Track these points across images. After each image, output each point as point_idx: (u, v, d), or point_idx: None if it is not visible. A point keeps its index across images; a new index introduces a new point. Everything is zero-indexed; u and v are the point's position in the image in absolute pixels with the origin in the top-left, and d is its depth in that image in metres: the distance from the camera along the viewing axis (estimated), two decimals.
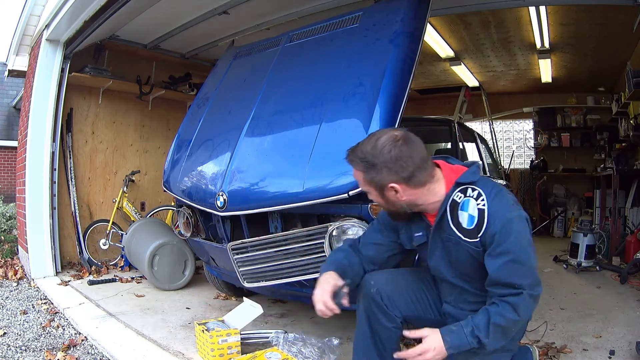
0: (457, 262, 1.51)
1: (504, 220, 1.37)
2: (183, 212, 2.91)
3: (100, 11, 3.42)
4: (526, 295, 1.35)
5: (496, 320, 1.36)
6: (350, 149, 1.49)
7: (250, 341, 2.41)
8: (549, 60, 5.31)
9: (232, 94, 3.07)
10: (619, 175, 5.11)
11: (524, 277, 1.36)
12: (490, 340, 1.37)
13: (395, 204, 1.48)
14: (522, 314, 1.36)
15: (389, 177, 1.41)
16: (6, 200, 8.57)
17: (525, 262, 1.37)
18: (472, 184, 1.45)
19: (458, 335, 1.39)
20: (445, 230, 1.49)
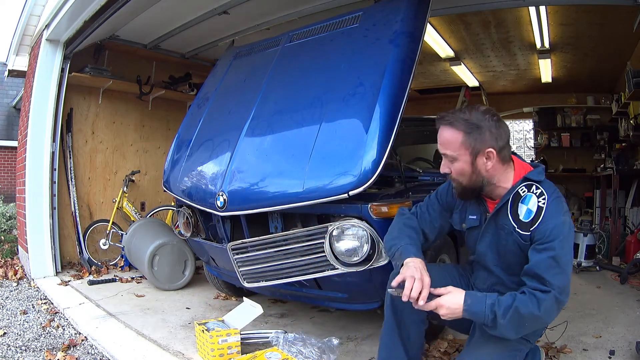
0: (503, 251, 1.60)
1: (557, 222, 1.46)
2: (183, 212, 2.91)
3: (100, 11, 3.42)
4: (553, 296, 1.40)
5: (519, 306, 1.40)
6: (445, 113, 1.57)
7: (250, 341, 2.41)
8: (549, 60, 5.31)
9: (232, 94, 3.07)
10: (619, 175, 5.11)
11: (558, 277, 1.41)
12: (505, 322, 1.41)
13: (480, 173, 1.55)
14: (543, 311, 1.41)
15: (489, 141, 1.51)
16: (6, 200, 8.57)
17: (563, 264, 1.43)
18: (538, 183, 1.54)
19: (479, 302, 1.45)
20: (501, 219, 1.58)
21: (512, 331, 1.45)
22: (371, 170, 2.03)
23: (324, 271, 2.19)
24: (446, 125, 1.57)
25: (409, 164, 3.28)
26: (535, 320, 1.44)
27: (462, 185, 1.61)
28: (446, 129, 1.57)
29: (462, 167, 1.56)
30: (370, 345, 2.47)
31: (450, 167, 1.59)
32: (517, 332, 1.46)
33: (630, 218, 5.13)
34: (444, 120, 1.57)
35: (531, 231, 1.49)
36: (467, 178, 1.58)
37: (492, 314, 1.42)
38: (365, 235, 2.12)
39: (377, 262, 2.11)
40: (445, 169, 1.61)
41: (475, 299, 1.46)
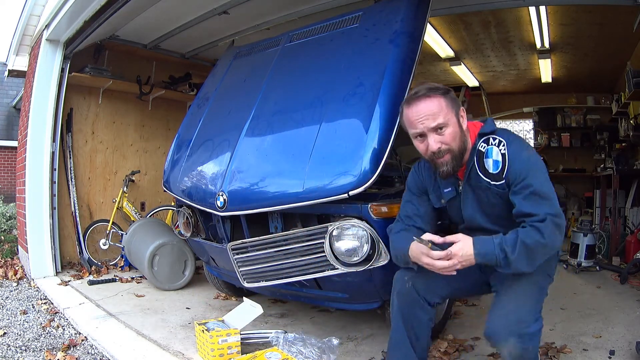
0: (488, 207, 1.67)
1: (522, 159, 1.55)
2: (183, 212, 2.91)
3: (100, 11, 3.42)
4: (550, 221, 1.48)
5: (524, 239, 1.48)
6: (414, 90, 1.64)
7: (250, 341, 2.41)
8: (549, 60, 5.31)
9: (232, 94, 3.07)
10: (619, 175, 5.11)
11: (546, 207, 1.50)
12: (516, 257, 1.48)
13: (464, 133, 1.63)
14: (547, 238, 1.47)
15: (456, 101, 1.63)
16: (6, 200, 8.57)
17: (544, 194, 1.51)
18: (493, 133, 1.63)
19: (487, 245, 1.52)
20: (474, 179, 1.65)
21: (525, 264, 1.50)
22: (371, 170, 2.03)
23: (324, 271, 2.19)
24: (424, 98, 1.60)
25: (409, 164, 3.28)
26: (544, 248, 1.50)
27: (454, 154, 1.62)
28: (426, 101, 1.60)
29: (453, 131, 1.61)
30: (370, 345, 2.47)
31: (441, 139, 1.61)
32: (530, 265, 1.51)
33: (630, 218, 5.13)
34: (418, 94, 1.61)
35: (504, 178, 1.57)
36: (457, 141, 1.62)
37: (502, 252, 1.49)
38: (365, 235, 2.12)
39: (377, 262, 2.11)
40: (436, 145, 1.60)
41: (484, 242, 1.52)
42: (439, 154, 1.62)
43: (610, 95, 6.37)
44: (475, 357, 2.30)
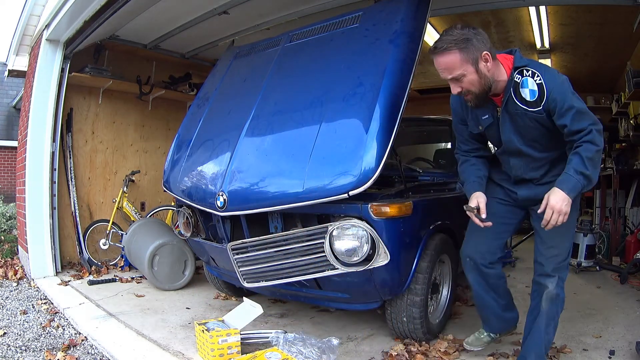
0: (524, 130, 1.87)
1: (558, 86, 1.75)
2: (183, 212, 2.91)
3: (100, 11, 3.42)
4: (594, 131, 1.73)
5: (587, 154, 1.73)
6: (434, 44, 1.78)
7: (250, 341, 2.41)
8: (549, 60, 5.30)
9: (232, 94, 3.07)
10: (619, 175, 5.11)
11: (588, 120, 1.74)
12: (591, 170, 1.73)
13: (486, 76, 1.79)
14: (599, 143, 1.74)
15: (481, 46, 1.75)
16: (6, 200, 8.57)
17: (583, 109, 1.75)
18: (526, 66, 1.80)
19: (568, 180, 1.75)
20: (511, 106, 1.84)
21: (597, 172, 1.77)
22: (371, 170, 2.03)
23: (324, 271, 2.19)
24: (441, 53, 1.76)
25: (409, 164, 3.28)
26: (600, 153, 1.76)
27: (475, 94, 1.84)
28: (443, 56, 1.76)
29: (471, 79, 1.79)
30: (370, 345, 2.47)
31: (460, 85, 1.81)
32: (598, 171, 1.78)
33: (630, 218, 5.13)
34: (437, 50, 1.77)
35: (543, 105, 1.77)
36: (477, 86, 1.81)
37: (580, 175, 1.73)
38: (365, 235, 2.12)
39: (377, 262, 2.11)
40: (457, 89, 1.83)
41: (565, 182, 1.75)
42: (462, 94, 1.86)
43: (610, 95, 6.37)
44: (475, 357, 2.30)
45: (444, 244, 2.55)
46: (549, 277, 1.95)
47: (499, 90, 1.86)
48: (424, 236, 2.40)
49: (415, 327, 2.38)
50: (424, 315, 2.38)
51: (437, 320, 2.61)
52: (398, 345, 2.37)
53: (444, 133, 3.69)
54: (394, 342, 2.47)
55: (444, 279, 2.71)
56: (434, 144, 3.93)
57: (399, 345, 2.38)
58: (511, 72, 1.82)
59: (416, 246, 2.35)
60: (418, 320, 2.36)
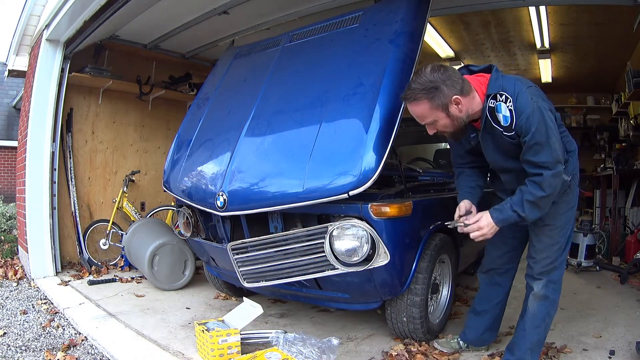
0: (504, 149, 1.92)
1: (527, 114, 1.74)
2: (183, 212, 2.91)
3: (100, 11, 3.42)
4: (548, 174, 1.76)
5: (527, 197, 1.80)
6: (405, 92, 1.85)
7: (250, 341, 2.41)
8: (549, 60, 5.31)
9: (232, 94, 3.07)
10: (619, 175, 5.11)
11: (546, 155, 1.75)
12: (527, 213, 1.82)
13: (459, 118, 1.84)
14: (546, 189, 1.77)
15: (450, 92, 1.77)
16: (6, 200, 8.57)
17: (544, 144, 1.75)
18: (499, 92, 1.80)
19: (502, 212, 1.87)
20: (490, 128, 1.88)
21: (535, 214, 1.84)
22: (371, 170, 2.03)
23: (324, 271, 2.19)
24: (411, 102, 1.84)
25: (409, 164, 3.28)
26: (545, 199, 1.80)
27: (451, 132, 1.92)
28: (413, 105, 1.84)
29: (444, 123, 1.86)
30: (370, 345, 2.47)
31: (434, 127, 1.90)
32: (540, 212, 1.84)
33: (630, 218, 5.13)
34: (407, 99, 1.85)
35: (514, 129, 1.79)
36: (451, 127, 1.88)
37: (515, 212, 1.83)
38: (365, 235, 2.12)
39: (377, 262, 2.11)
40: (432, 131, 1.93)
41: (498, 212, 1.87)
42: (438, 134, 1.96)
43: (610, 95, 6.37)
44: (475, 357, 2.30)
45: (444, 244, 2.55)
46: (535, 279, 2.04)
47: (477, 116, 1.90)
48: (424, 236, 2.40)
49: (415, 327, 2.38)
50: (424, 315, 2.38)
51: (437, 320, 2.61)
52: (398, 345, 2.37)
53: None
54: (394, 342, 2.47)
55: (444, 279, 2.71)
56: (434, 144, 3.93)
57: (399, 345, 2.38)
58: (485, 99, 1.83)
59: (416, 246, 2.35)
60: (418, 320, 2.36)
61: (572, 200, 2.04)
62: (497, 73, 1.86)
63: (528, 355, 2.03)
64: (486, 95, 1.83)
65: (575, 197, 2.05)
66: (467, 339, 2.36)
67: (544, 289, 2.02)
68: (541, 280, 2.02)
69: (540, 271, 2.02)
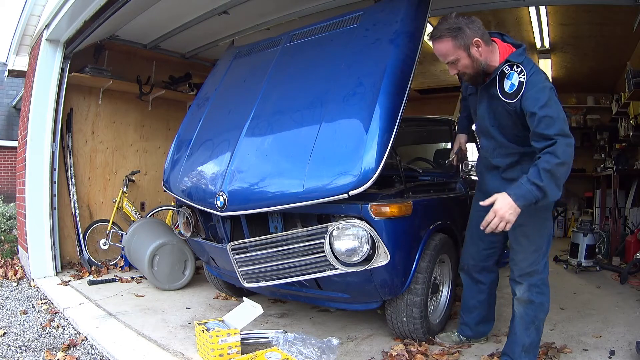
0: (497, 114, 2.01)
1: (538, 89, 1.82)
2: (183, 212, 2.91)
3: (100, 11, 3.42)
4: (561, 143, 1.74)
5: (544, 166, 1.74)
6: (432, 31, 1.96)
7: (250, 341, 2.41)
8: (549, 60, 5.30)
9: (232, 94, 3.07)
10: (619, 175, 5.11)
11: (557, 127, 1.76)
12: (546, 182, 1.74)
13: (478, 60, 1.93)
14: (561, 156, 1.73)
15: (472, 34, 1.89)
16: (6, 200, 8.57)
17: (555, 115, 1.78)
18: (519, 63, 1.89)
19: (520, 187, 1.78)
20: (491, 89, 1.98)
21: (554, 187, 1.76)
22: (371, 170, 2.03)
23: (324, 271, 2.19)
24: (436, 41, 1.95)
25: (409, 164, 3.28)
26: (562, 166, 1.75)
27: (470, 75, 2.00)
28: (437, 44, 1.95)
29: (464, 63, 1.94)
30: (370, 345, 2.47)
31: (456, 68, 1.97)
32: (558, 186, 1.77)
33: (630, 218, 5.13)
34: (432, 37, 1.96)
35: (516, 100, 1.87)
36: (471, 69, 1.96)
37: (533, 185, 1.74)
38: (365, 235, 2.12)
39: (377, 262, 2.11)
40: (453, 71, 2.00)
41: (516, 189, 1.78)
42: (459, 75, 2.04)
43: (610, 95, 6.37)
44: (475, 357, 2.30)
45: (444, 244, 2.55)
46: (516, 283, 2.06)
47: (491, 72, 1.99)
48: (424, 236, 2.40)
49: (415, 327, 2.38)
50: (424, 315, 2.38)
51: (437, 320, 2.61)
52: (398, 345, 2.37)
53: (444, 133, 3.69)
54: (394, 342, 2.47)
55: (444, 279, 2.71)
56: (434, 144, 3.93)
57: (399, 345, 2.38)
58: (504, 62, 1.93)
59: (416, 246, 2.35)
60: (418, 320, 2.36)
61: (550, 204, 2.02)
62: (523, 51, 1.95)
63: (523, 356, 2.05)
64: (505, 60, 1.93)
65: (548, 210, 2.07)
66: (464, 334, 2.42)
67: (527, 293, 2.02)
68: (522, 285, 2.03)
69: (519, 274, 2.04)
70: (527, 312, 2.03)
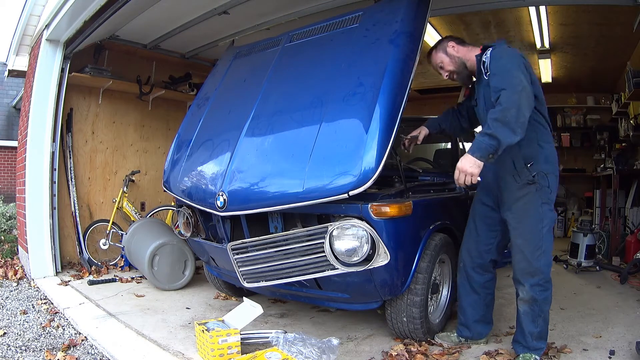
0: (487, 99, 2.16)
1: (496, 57, 2.08)
2: (183, 212, 2.91)
3: (100, 11, 3.42)
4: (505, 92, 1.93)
5: (492, 115, 1.93)
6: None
7: (250, 341, 2.41)
8: (549, 60, 5.30)
9: (232, 94, 3.07)
10: (619, 175, 5.11)
11: (505, 83, 1.96)
12: (494, 128, 1.89)
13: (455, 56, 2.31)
14: (504, 102, 1.91)
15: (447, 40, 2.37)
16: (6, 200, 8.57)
17: (504, 74, 1.99)
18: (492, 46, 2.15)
19: (474, 143, 1.96)
20: (480, 78, 2.21)
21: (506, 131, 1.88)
22: (371, 170, 2.03)
23: (324, 271, 2.19)
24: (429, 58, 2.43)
25: (409, 164, 3.28)
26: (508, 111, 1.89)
27: (456, 72, 2.34)
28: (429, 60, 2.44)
29: (446, 61, 2.34)
30: (370, 345, 2.47)
31: (444, 70, 2.37)
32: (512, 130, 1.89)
33: (630, 218, 5.13)
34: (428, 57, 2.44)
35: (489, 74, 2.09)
36: (453, 65, 2.33)
37: (485, 135, 1.91)
38: (365, 235, 2.12)
39: (377, 262, 2.11)
40: (445, 75, 2.39)
41: (472, 146, 1.96)
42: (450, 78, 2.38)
43: (610, 95, 6.37)
44: (475, 358, 2.30)
45: (444, 244, 2.55)
46: (518, 282, 2.14)
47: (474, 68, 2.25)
48: (424, 236, 2.40)
49: (415, 327, 2.38)
50: (424, 315, 2.38)
51: (437, 320, 2.61)
52: (398, 345, 2.36)
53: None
54: (394, 342, 2.47)
55: (444, 279, 2.71)
56: (433, 144, 3.92)
57: (399, 345, 2.38)
58: (480, 52, 2.20)
59: (416, 246, 2.35)
60: (418, 320, 2.36)
61: (543, 196, 2.09)
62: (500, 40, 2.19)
63: (535, 343, 2.12)
64: (482, 47, 2.21)
65: (547, 193, 2.10)
66: (463, 335, 2.42)
67: (530, 293, 2.08)
68: (524, 286, 2.09)
69: (520, 274, 2.11)
70: (533, 309, 2.09)
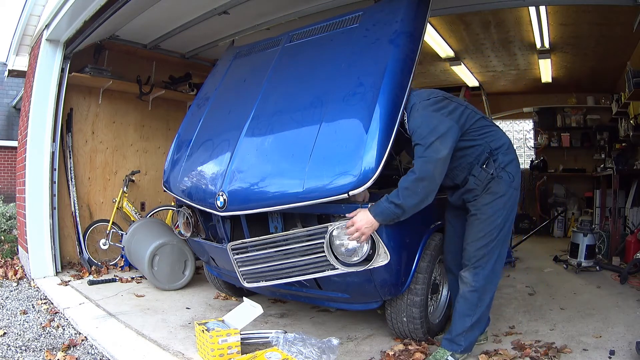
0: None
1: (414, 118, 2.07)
2: (183, 212, 2.91)
3: (100, 11, 3.42)
4: (420, 159, 1.94)
5: (402, 184, 1.94)
6: None
7: (250, 341, 2.41)
8: (549, 60, 5.31)
9: (232, 94, 3.07)
10: (619, 175, 5.11)
11: (421, 147, 1.96)
12: (402, 199, 1.91)
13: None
14: (417, 171, 1.92)
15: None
16: (6, 200, 8.57)
17: (421, 132, 2.00)
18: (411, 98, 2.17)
19: (379, 205, 1.96)
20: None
21: (412, 200, 1.92)
22: (371, 170, 2.03)
23: (324, 271, 2.19)
24: None
25: (408, 163, 3.28)
26: (420, 181, 1.91)
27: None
28: None
29: None
30: (370, 345, 2.47)
31: None
32: (418, 197, 1.92)
33: (630, 218, 5.13)
34: None
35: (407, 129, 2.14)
36: None
37: (391, 204, 1.91)
38: None
39: (377, 262, 2.11)
40: None
41: (375, 206, 1.96)
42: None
43: (610, 95, 6.37)
44: (474, 357, 2.30)
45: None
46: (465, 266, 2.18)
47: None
48: (424, 236, 2.40)
49: (415, 327, 2.38)
50: (424, 315, 2.38)
51: (437, 320, 2.61)
52: (398, 346, 2.37)
53: None
54: (393, 342, 2.47)
55: (444, 279, 2.71)
56: None
57: (399, 345, 2.38)
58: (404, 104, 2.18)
59: (416, 246, 2.35)
60: (418, 320, 2.36)
61: (500, 190, 2.10)
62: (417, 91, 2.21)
63: (461, 339, 2.14)
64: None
65: (505, 188, 2.11)
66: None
67: (471, 279, 2.11)
68: (468, 270, 2.13)
69: (467, 258, 2.14)
70: (471, 297, 2.12)
